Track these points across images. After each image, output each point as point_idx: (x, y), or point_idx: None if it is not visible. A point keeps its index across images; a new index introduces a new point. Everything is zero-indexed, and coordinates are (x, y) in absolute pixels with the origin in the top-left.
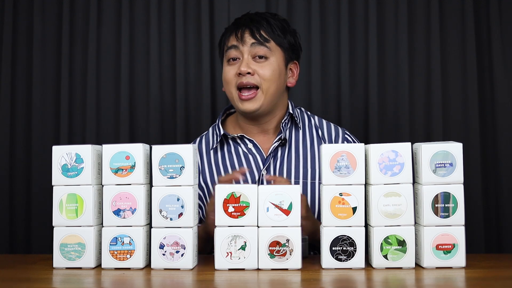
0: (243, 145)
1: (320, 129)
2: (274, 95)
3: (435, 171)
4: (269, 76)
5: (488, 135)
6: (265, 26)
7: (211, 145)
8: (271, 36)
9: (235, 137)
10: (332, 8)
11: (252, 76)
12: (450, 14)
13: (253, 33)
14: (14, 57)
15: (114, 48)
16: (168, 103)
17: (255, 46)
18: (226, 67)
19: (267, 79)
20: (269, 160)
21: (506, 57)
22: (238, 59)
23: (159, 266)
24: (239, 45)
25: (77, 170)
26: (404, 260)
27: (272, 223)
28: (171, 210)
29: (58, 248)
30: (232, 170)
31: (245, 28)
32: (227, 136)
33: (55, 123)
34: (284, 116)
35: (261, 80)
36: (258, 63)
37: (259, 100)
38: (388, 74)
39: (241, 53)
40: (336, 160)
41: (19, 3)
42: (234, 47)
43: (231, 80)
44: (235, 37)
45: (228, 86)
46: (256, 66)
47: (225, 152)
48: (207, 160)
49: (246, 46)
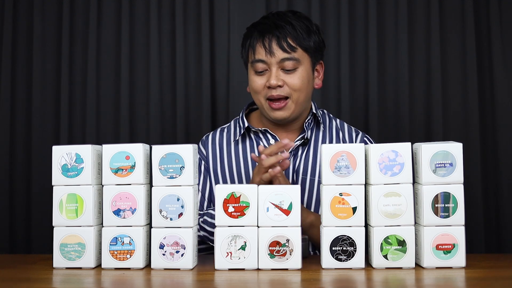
0: (265, 140)
1: (341, 131)
2: (304, 103)
3: (435, 171)
4: (299, 86)
5: (488, 135)
6: (291, 31)
7: (234, 137)
8: (297, 43)
9: (258, 131)
10: (332, 8)
11: (281, 88)
12: (450, 14)
13: (280, 42)
14: (14, 57)
15: (114, 48)
16: (168, 103)
17: (284, 61)
18: (253, 77)
19: (297, 89)
20: (289, 158)
21: (506, 57)
22: (265, 71)
23: (159, 266)
24: (267, 58)
25: (77, 170)
26: (404, 260)
27: (272, 223)
28: (171, 210)
29: (58, 248)
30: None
31: (272, 37)
32: (251, 129)
33: (55, 123)
34: (308, 116)
35: (290, 90)
36: (287, 74)
37: (290, 109)
38: (388, 74)
39: (269, 65)
40: (336, 160)
41: (19, 3)
42: (261, 61)
43: (260, 90)
44: (263, 49)
45: (257, 96)
46: (285, 77)
47: (246, 145)
48: (227, 151)
49: (274, 58)
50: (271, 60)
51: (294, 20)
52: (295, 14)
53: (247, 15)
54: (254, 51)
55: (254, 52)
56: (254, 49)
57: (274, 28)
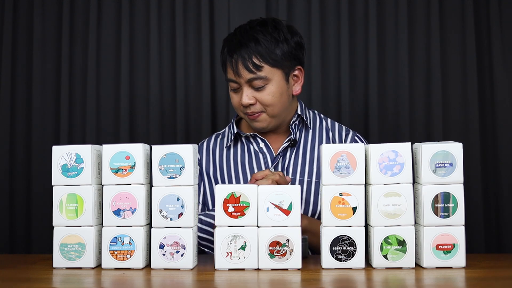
0: (255, 144)
1: (332, 131)
2: (280, 113)
3: (435, 171)
4: (270, 102)
5: (488, 135)
6: (255, 49)
7: (225, 143)
8: (263, 60)
9: (248, 136)
10: (332, 8)
11: (254, 106)
12: (450, 14)
13: (246, 63)
14: (14, 57)
15: (114, 48)
16: (168, 103)
17: (251, 81)
18: (231, 93)
19: (269, 105)
20: (277, 159)
21: (506, 57)
22: (238, 89)
23: (159, 266)
24: (237, 78)
25: (77, 170)
26: (404, 260)
27: (272, 223)
28: (171, 210)
29: (58, 248)
30: (242, 167)
31: (237, 58)
32: (241, 134)
33: (55, 123)
34: (293, 118)
35: (263, 106)
36: (258, 91)
37: (265, 121)
38: (388, 74)
39: (240, 84)
40: (336, 160)
41: (19, 3)
42: (232, 81)
43: (238, 106)
44: (232, 70)
45: (237, 110)
46: (256, 94)
47: (238, 149)
48: (219, 156)
49: (242, 79)
50: (240, 80)
51: (260, 34)
52: (264, 26)
53: (247, 15)
54: (226, 70)
55: (225, 71)
56: (225, 68)
57: (239, 47)
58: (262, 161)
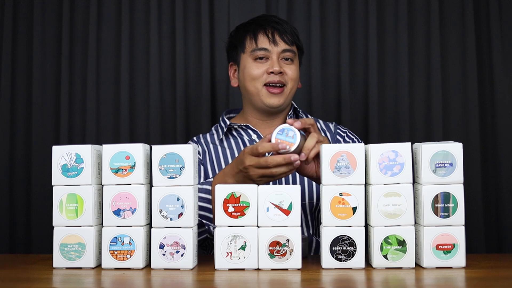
0: (246, 136)
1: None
2: (292, 95)
3: (435, 171)
4: (295, 77)
5: (488, 135)
6: (288, 29)
7: (217, 137)
8: (294, 39)
9: (240, 128)
10: (332, 8)
11: (281, 75)
12: (450, 14)
13: (282, 35)
14: (14, 57)
15: (114, 48)
16: (168, 103)
17: (284, 51)
18: (253, 64)
19: (293, 79)
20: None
21: (506, 57)
22: (265, 58)
23: (159, 266)
24: (271, 47)
25: (77, 170)
26: (404, 260)
27: (272, 223)
28: (171, 210)
29: (58, 248)
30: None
31: (274, 30)
32: (232, 127)
33: (55, 123)
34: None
35: (288, 79)
36: (286, 64)
37: (284, 96)
38: (388, 74)
39: (270, 54)
40: (336, 160)
41: (19, 3)
42: (264, 49)
43: (259, 77)
44: (267, 38)
45: (254, 82)
46: (285, 67)
47: (231, 143)
48: (214, 150)
49: (277, 48)
50: (274, 49)
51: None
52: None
53: (247, 15)
54: (256, 40)
55: (256, 41)
56: (256, 38)
57: (274, 22)
58: None
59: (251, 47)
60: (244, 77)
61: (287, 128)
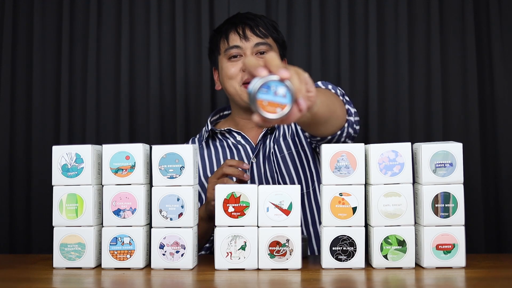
0: (231, 138)
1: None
2: None
3: (435, 171)
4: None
5: (488, 135)
6: (261, 23)
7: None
8: (268, 32)
9: (223, 132)
10: (332, 8)
11: None
12: (450, 14)
13: (253, 29)
14: (14, 57)
15: (114, 48)
16: (168, 103)
17: (258, 45)
18: (227, 64)
19: None
20: (258, 148)
21: (506, 57)
22: (239, 56)
23: (159, 266)
24: (242, 44)
25: (77, 170)
26: (404, 260)
27: (272, 223)
28: (171, 210)
29: (58, 248)
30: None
31: (245, 26)
32: (215, 131)
33: (55, 123)
34: None
35: None
36: (261, 58)
37: None
38: (388, 74)
39: (243, 51)
40: (336, 160)
41: (19, 3)
42: (236, 47)
43: (235, 75)
44: (238, 36)
45: (231, 82)
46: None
47: (217, 146)
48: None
49: (249, 43)
50: (246, 45)
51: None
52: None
53: None
54: (228, 39)
55: (227, 40)
56: (228, 37)
57: (246, 19)
58: (242, 153)
59: (224, 47)
60: (222, 78)
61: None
